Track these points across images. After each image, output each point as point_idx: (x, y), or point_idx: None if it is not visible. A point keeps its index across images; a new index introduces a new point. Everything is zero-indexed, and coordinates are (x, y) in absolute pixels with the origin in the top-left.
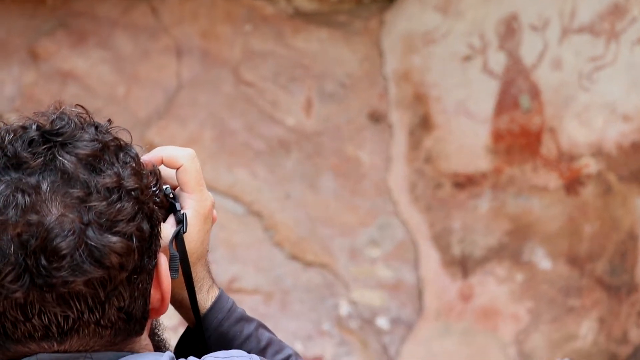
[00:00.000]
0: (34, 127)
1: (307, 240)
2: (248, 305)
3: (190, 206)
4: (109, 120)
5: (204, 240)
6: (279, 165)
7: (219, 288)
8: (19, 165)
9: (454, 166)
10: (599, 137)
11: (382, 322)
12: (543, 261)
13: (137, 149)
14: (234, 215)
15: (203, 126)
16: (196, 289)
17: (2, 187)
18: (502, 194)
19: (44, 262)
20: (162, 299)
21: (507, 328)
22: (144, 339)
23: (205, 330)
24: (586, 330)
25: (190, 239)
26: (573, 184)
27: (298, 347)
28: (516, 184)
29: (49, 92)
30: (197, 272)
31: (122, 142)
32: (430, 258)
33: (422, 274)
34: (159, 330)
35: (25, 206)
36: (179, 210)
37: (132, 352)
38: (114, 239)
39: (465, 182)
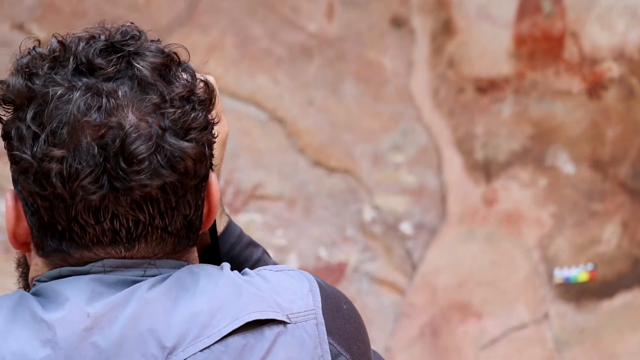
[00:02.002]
0: (102, 37)
1: (330, 147)
2: (272, 211)
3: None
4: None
5: (220, 166)
6: (301, 72)
7: (228, 215)
8: (93, 71)
9: (476, 71)
10: (620, 41)
11: (406, 227)
12: (566, 165)
13: None
14: (257, 122)
15: (224, 33)
16: None
17: (79, 92)
18: (524, 98)
19: (123, 165)
20: (210, 212)
21: (530, 233)
22: (195, 251)
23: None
24: (609, 235)
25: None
26: (595, 88)
27: (322, 253)
28: (539, 88)
29: (69, 1)
30: None
31: (179, 57)
32: (454, 163)
33: (446, 179)
34: None
35: (105, 109)
36: None
37: (189, 262)
38: (189, 144)
39: (487, 87)
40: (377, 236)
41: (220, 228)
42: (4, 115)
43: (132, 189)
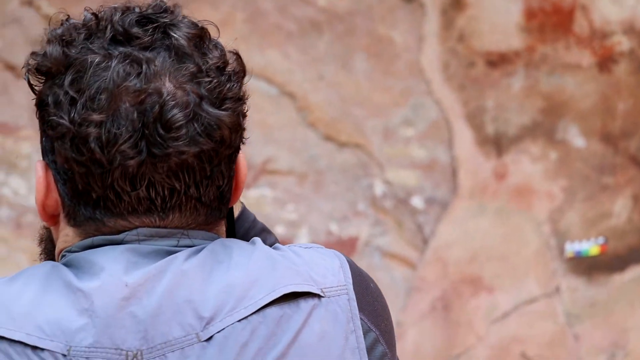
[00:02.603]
0: (137, 10)
1: (340, 121)
2: (283, 186)
3: None
4: None
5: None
6: (311, 46)
7: (242, 201)
8: (130, 40)
9: (486, 45)
10: (630, 14)
11: (417, 201)
12: (577, 139)
13: None
14: (268, 97)
15: (235, 8)
16: None
17: (117, 59)
18: (535, 72)
19: (161, 131)
20: (237, 188)
21: (541, 206)
22: (224, 225)
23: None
24: (620, 208)
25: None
26: (606, 62)
27: (333, 227)
28: (549, 62)
29: None
30: None
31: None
32: (464, 137)
33: (456, 153)
34: None
35: (144, 76)
36: None
37: (218, 235)
38: (226, 113)
39: (498, 61)
40: (388, 211)
41: (235, 213)
42: (36, 86)
43: (169, 155)
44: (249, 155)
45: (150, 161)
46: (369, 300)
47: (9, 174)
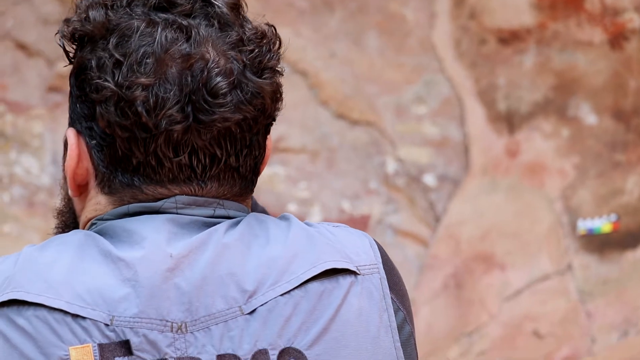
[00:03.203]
0: None
1: (352, 99)
2: (295, 164)
3: None
4: None
5: None
6: (323, 24)
7: None
8: (171, 7)
9: (498, 22)
10: None
11: (429, 179)
12: (588, 116)
13: None
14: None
15: None
16: None
17: (161, 25)
18: (546, 49)
19: (207, 97)
20: (263, 162)
21: (553, 184)
22: (252, 199)
23: None
24: (632, 185)
25: None
26: (617, 39)
27: (345, 205)
28: (560, 39)
29: None
30: None
31: None
32: (476, 114)
33: (468, 130)
34: None
35: (192, 41)
36: None
37: (248, 208)
38: (267, 82)
39: (509, 38)
40: (401, 188)
41: None
42: (70, 52)
43: (214, 121)
44: None
45: (195, 127)
46: (396, 281)
47: (20, 153)
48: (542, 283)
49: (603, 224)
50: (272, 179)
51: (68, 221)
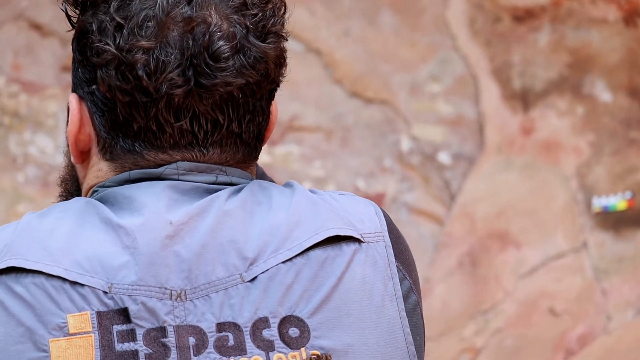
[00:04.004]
0: None
1: (367, 77)
2: (309, 143)
3: None
4: None
5: None
6: (336, 3)
7: None
8: None
9: (513, 0)
10: None
11: (444, 157)
12: (603, 93)
13: None
14: (294, 53)
15: None
16: None
17: None
18: (561, 26)
19: (209, 60)
20: (268, 130)
21: (568, 161)
22: (256, 167)
23: None
24: None
25: None
26: (632, 16)
27: (360, 184)
28: (575, 16)
29: None
30: None
31: None
32: (491, 92)
33: (483, 108)
34: None
35: (194, 5)
36: None
37: (252, 175)
38: (270, 46)
39: (524, 16)
40: (415, 166)
41: None
42: (73, 17)
43: (216, 86)
44: None
45: (196, 92)
46: (402, 249)
47: (35, 133)
48: (557, 261)
49: (618, 202)
50: (286, 157)
51: (71, 189)
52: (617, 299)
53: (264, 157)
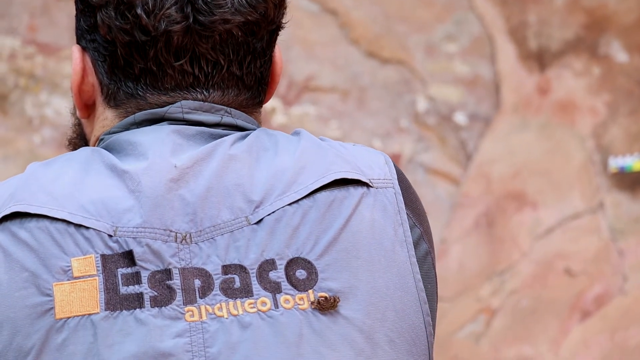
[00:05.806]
0: None
1: (383, 37)
2: (326, 103)
3: None
4: None
5: None
6: None
7: None
8: None
9: None
10: None
11: (460, 117)
12: (619, 54)
13: None
14: (309, 14)
15: None
16: None
17: None
18: None
19: None
20: (272, 82)
21: (584, 121)
22: (261, 114)
23: None
24: None
25: None
26: None
27: (377, 144)
28: None
29: None
30: None
31: None
32: (507, 52)
33: (499, 68)
34: None
35: None
36: None
37: (258, 122)
38: None
39: None
40: (431, 127)
41: None
42: None
43: (214, 23)
44: (291, 72)
45: (195, 30)
46: (412, 199)
47: (51, 95)
48: (573, 221)
49: (634, 162)
50: (302, 118)
51: (79, 146)
52: (634, 260)
53: (280, 118)
